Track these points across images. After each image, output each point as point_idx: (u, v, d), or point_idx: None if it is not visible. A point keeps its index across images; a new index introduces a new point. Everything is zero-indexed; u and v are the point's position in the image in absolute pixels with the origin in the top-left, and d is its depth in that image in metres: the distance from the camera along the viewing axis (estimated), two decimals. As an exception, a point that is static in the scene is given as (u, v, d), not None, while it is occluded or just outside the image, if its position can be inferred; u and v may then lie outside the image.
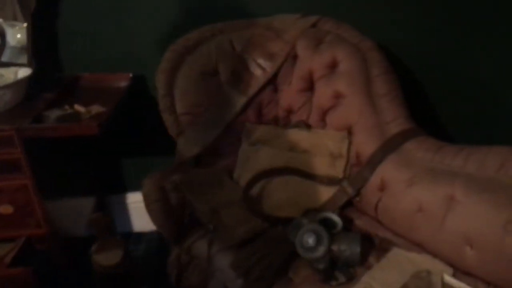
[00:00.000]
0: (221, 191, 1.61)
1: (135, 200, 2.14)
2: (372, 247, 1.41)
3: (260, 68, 1.73)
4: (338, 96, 1.63)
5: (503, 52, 1.89)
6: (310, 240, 1.31)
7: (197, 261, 1.54)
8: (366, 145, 1.55)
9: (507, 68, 1.91)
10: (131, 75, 1.84)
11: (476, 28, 1.85)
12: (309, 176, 1.61)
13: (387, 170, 1.47)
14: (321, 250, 1.30)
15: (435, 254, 1.31)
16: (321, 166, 1.61)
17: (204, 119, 1.69)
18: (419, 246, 1.36)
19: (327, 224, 1.38)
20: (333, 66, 1.65)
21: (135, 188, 2.12)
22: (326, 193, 1.59)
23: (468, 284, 1.20)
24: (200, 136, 1.68)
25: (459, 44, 1.89)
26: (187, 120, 1.68)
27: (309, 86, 1.71)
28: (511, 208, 1.14)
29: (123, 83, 1.82)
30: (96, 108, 1.61)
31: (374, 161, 1.51)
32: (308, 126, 1.71)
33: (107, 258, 1.67)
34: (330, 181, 1.59)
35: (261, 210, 1.57)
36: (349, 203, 1.58)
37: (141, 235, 2.20)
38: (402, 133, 1.49)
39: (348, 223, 1.53)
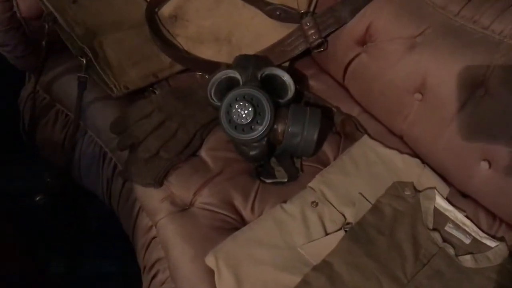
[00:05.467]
0: (110, 5, 1.00)
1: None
2: (330, 129, 0.94)
3: None
4: None
5: None
6: (244, 113, 0.80)
7: (60, 107, 0.99)
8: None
9: None
10: None
11: None
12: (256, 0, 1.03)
13: (381, 15, 0.92)
14: (258, 131, 0.81)
15: (426, 158, 0.87)
16: (277, -13, 1.02)
17: None
18: (401, 140, 0.92)
19: (271, 85, 0.86)
20: None
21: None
22: (275, 31, 1.03)
23: (464, 210, 0.80)
24: None
25: None
26: None
27: None
28: None
29: None
30: None
31: (362, -5, 0.95)
32: None
33: None
34: (286, 13, 1.02)
35: (173, 42, 1.01)
36: (304, 53, 1.05)
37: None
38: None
39: (297, 84, 1.01)
